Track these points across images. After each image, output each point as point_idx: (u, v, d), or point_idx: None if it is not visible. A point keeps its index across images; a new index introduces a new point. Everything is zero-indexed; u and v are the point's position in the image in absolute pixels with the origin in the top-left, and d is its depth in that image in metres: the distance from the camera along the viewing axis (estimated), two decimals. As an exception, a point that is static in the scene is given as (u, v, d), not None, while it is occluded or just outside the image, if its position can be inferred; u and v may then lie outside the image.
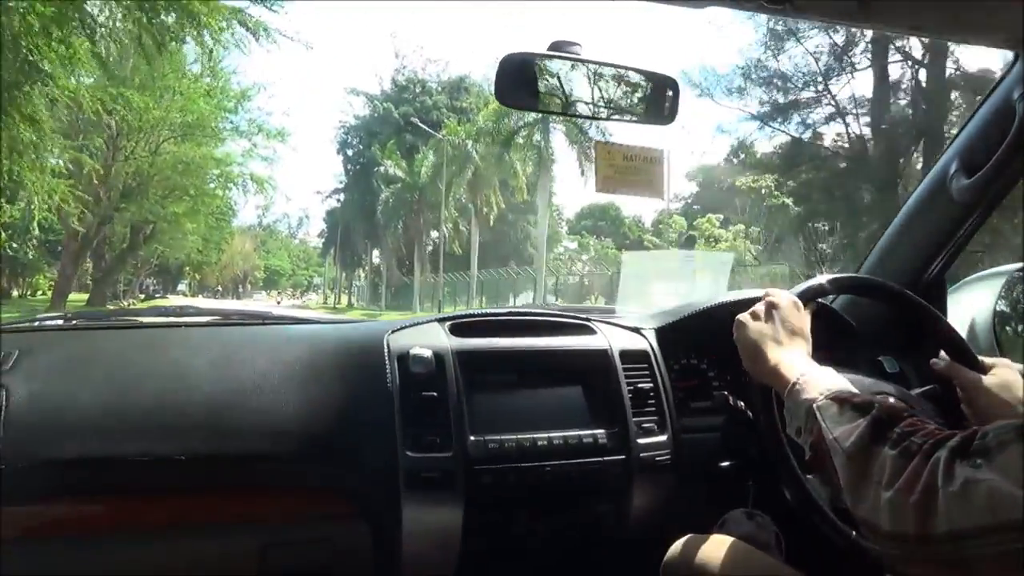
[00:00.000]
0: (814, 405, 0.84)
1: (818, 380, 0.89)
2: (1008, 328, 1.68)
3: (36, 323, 1.61)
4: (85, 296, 27.25)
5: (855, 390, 0.85)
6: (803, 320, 1.05)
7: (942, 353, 1.19)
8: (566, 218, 42.05)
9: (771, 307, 1.05)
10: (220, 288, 64.68)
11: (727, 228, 24.87)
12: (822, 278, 1.23)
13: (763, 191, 28.14)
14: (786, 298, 1.07)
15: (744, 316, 1.06)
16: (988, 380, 1.11)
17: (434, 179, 31.64)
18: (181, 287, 54.88)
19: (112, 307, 21.17)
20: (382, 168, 34.80)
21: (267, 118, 24.62)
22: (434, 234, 35.64)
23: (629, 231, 44.89)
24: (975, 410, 1.11)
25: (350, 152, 42.44)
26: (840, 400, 0.81)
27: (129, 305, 25.66)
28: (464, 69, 43.61)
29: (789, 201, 25.71)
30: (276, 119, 39.08)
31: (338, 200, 44.86)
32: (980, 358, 1.16)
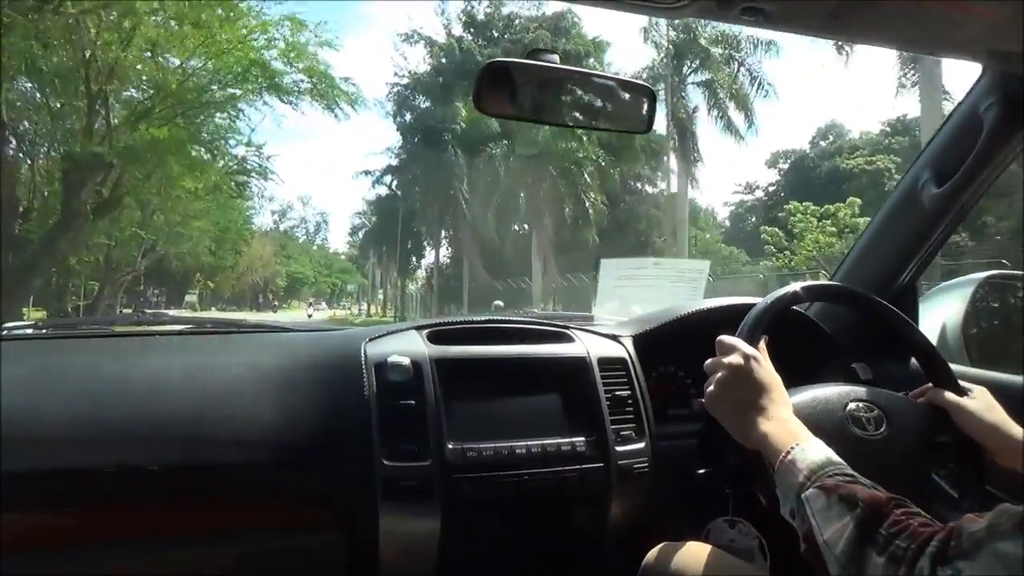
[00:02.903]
0: (803, 495, 0.85)
1: (806, 455, 0.89)
2: (977, 334, 1.72)
3: (4, 332, 1.58)
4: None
5: (841, 468, 0.86)
6: (767, 366, 1.04)
7: (932, 389, 1.19)
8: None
9: (734, 370, 1.02)
10: (277, 303, 53.54)
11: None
12: (795, 286, 1.25)
13: (884, 173, 24.33)
14: (743, 352, 1.04)
15: (713, 388, 1.04)
16: (971, 403, 1.13)
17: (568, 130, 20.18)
18: (190, 298, 40.00)
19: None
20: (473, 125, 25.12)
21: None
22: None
23: (704, 225, 36.23)
24: (964, 430, 1.12)
25: (409, 117, 30.95)
26: (827, 490, 0.82)
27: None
28: (555, 6, 31.29)
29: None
30: None
31: (389, 185, 33.87)
32: (960, 383, 1.18)
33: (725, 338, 1.08)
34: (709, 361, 1.07)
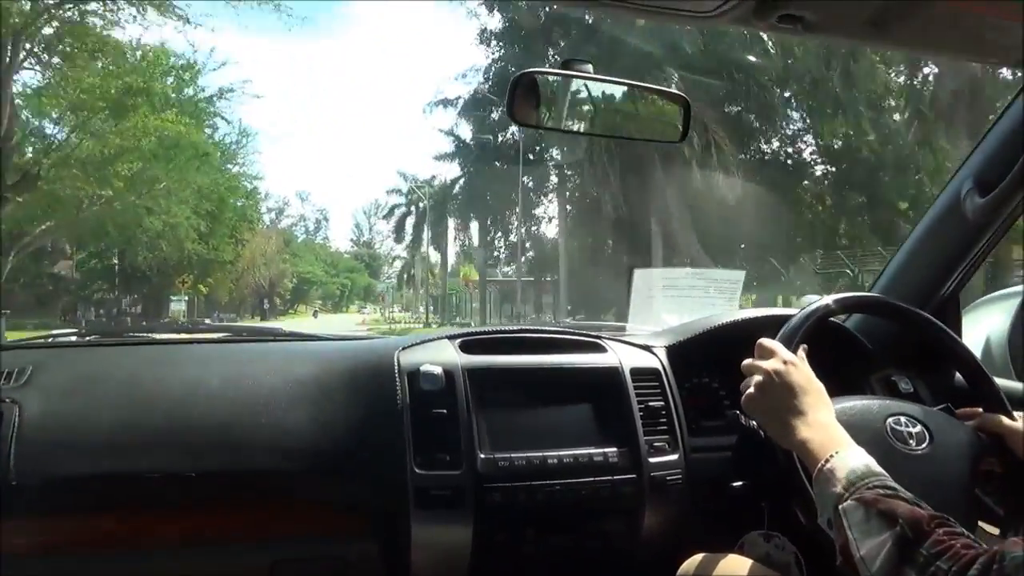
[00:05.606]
0: (840, 506, 0.83)
1: (846, 463, 0.87)
2: (1024, 348, 1.67)
3: (50, 339, 1.63)
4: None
5: (882, 480, 0.84)
6: (805, 371, 1.02)
7: (984, 414, 1.15)
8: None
9: (771, 375, 1.00)
10: (289, 307, 45.47)
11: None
12: (828, 299, 1.23)
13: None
14: (781, 357, 1.02)
15: (751, 391, 1.02)
16: None
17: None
18: (176, 306, 27.59)
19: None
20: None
21: None
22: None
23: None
24: (1018, 455, 1.09)
25: (499, 16, 20.67)
26: (866, 504, 0.80)
27: None
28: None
29: None
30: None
31: (459, 144, 24.64)
32: (1015, 414, 1.14)
33: (765, 341, 1.06)
34: (747, 361, 1.05)
